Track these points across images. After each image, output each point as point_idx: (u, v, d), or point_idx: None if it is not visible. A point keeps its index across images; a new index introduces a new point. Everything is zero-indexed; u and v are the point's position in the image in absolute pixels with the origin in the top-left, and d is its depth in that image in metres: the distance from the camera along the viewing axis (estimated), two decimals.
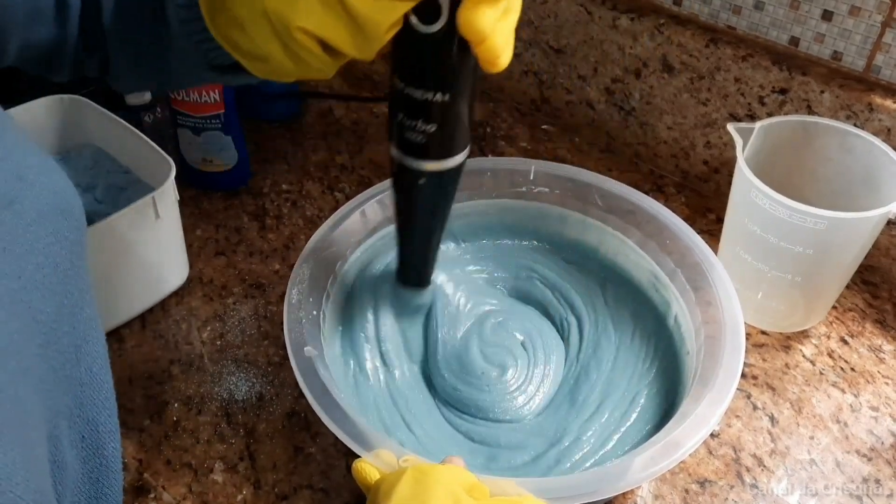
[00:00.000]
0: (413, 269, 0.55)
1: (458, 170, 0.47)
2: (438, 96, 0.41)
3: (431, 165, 0.45)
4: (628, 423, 0.52)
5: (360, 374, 0.55)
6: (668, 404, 0.53)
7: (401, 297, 0.57)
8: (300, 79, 0.43)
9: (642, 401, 0.54)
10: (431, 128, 0.43)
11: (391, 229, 0.60)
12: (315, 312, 0.52)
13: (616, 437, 0.51)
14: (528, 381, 0.55)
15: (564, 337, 0.59)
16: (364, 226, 0.59)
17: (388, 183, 0.60)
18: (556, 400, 0.55)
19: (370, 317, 0.58)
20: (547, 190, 0.62)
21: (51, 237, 0.34)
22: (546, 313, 0.61)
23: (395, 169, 0.47)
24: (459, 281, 0.63)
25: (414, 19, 0.38)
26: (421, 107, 0.42)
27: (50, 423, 0.33)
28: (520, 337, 0.57)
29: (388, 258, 0.61)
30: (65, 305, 0.35)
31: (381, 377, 0.56)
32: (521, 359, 0.56)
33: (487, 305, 0.61)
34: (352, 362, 0.56)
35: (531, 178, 0.62)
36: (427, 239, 0.51)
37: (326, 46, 0.39)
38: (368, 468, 0.41)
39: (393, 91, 0.43)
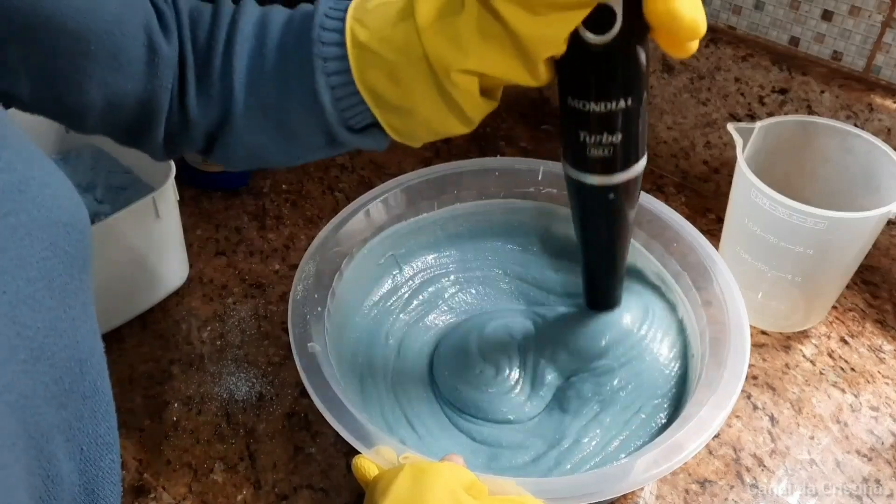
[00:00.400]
0: (609, 290, 0.52)
1: (642, 173, 0.44)
2: (622, 103, 0.39)
3: (622, 176, 0.43)
4: (631, 426, 0.52)
5: (363, 372, 0.55)
6: (671, 406, 0.53)
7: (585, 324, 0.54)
8: (434, 139, 0.42)
9: (645, 403, 0.53)
10: (617, 138, 0.41)
11: (396, 228, 0.60)
12: (319, 309, 0.52)
13: (619, 438, 0.51)
14: (529, 382, 0.55)
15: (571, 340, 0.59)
16: (369, 224, 0.59)
17: (393, 183, 0.60)
18: (558, 401, 0.55)
19: (375, 315, 0.58)
20: (555, 191, 0.62)
21: (47, 251, 0.33)
22: (550, 313, 0.60)
23: (577, 191, 0.45)
24: (463, 281, 0.63)
25: (586, 32, 0.36)
26: (605, 119, 0.40)
27: (40, 439, 0.32)
28: (522, 338, 0.57)
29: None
30: (62, 320, 0.34)
31: (385, 375, 0.56)
32: (522, 359, 0.56)
33: (490, 306, 0.61)
34: (355, 360, 0.56)
35: (539, 178, 0.62)
36: (623, 254, 0.49)
37: (483, 90, 0.38)
38: (367, 464, 0.41)
39: (568, 111, 0.41)
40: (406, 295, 0.62)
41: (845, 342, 0.63)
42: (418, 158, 0.80)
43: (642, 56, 0.39)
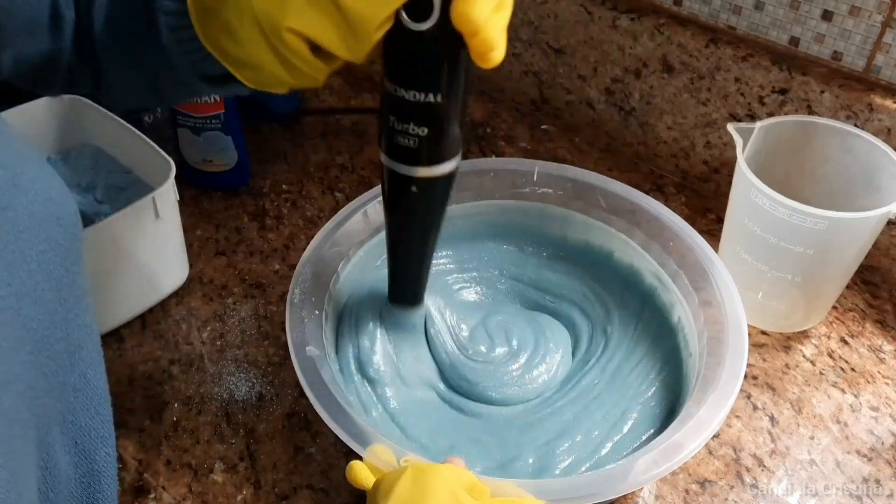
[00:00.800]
0: (405, 287, 0.53)
1: (450, 177, 0.45)
2: (430, 97, 0.41)
3: (423, 171, 0.44)
4: (630, 426, 0.52)
5: (362, 375, 0.55)
6: (670, 406, 0.53)
7: (392, 315, 0.55)
8: (292, 88, 0.42)
9: (644, 403, 0.53)
10: (423, 131, 0.42)
11: None
12: (317, 312, 0.52)
13: (617, 438, 0.51)
14: (529, 382, 0.55)
15: (567, 338, 0.59)
16: (367, 226, 0.59)
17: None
18: (558, 401, 0.55)
19: (373, 317, 0.58)
20: (550, 191, 0.62)
21: (44, 244, 0.34)
22: (548, 314, 0.60)
23: (385, 177, 0.46)
24: (460, 282, 0.63)
25: (405, 17, 0.38)
26: (412, 109, 0.41)
27: (41, 429, 0.33)
28: (520, 338, 0.57)
29: None
30: (58, 312, 0.35)
31: (384, 377, 0.56)
32: (521, 359, 0.56)
33: (488, 306, 0.61)
34: (354, 363, 0.56)
35: (534, 178, 0.62)
36: (420, 253, 0.50)
37: (317, 50, 0.38)
38: (362, 471, 0.41)
39: (384, 94, 0.42)
40: None
41: (845, 342, 0.63)
42: None
43: (458, 55, 0.40)
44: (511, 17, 0.39)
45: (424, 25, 0.38)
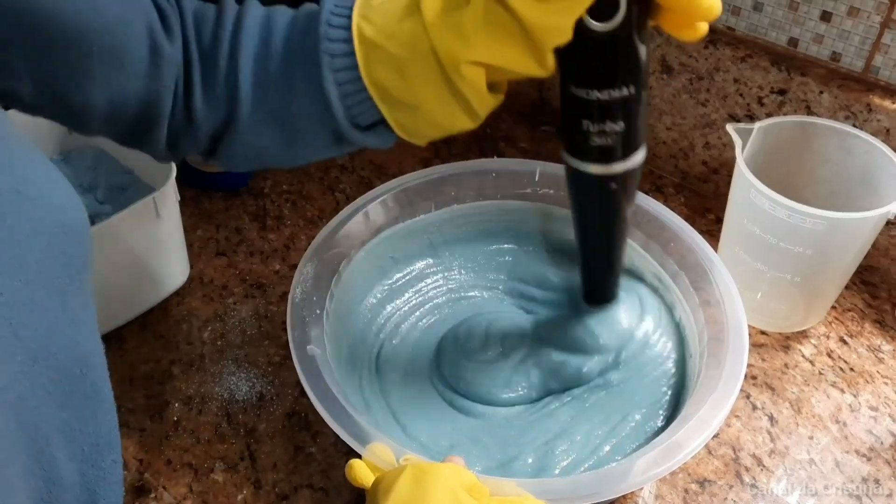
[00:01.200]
0: (607, 284, 0.52)
1: (643, 163, 0.44)
2: (624, 91, 0.40)
3: (623, 165, 0.43)
4: (630, 426, 0.52)
5: (362, 374, 0.55)
6: (670, 406, 0.53)
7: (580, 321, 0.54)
8: (440, 134, 0.42)
9: (645, 402, 0.53)
10: (620, 126, 0.41)
11: (394, 230, 0.61)
12: (318, 311, 0.52)
13: (617, 438, 0.51)
14: (530, 383, 0.55)
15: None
16: (367, 227, 0.59)
17: (393, 183, 0.60)
18: (558, 401, 0.55)
19: (374, 318, 0.58)
20: (552, 191, 0.62)
21: (44, 252, 0.33)
22: (549, 315, 0.60)
23: (579, 182, 0.45)
24: (462, 282, 0.63)
25: (589, 20, 0.37)
26: (608, 107, 0.40)
27: (39, 440, 0.32)
28: (521, 338, 0.57)
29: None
30: (61, 320, 0.34)
31: (385, 378, 0.56)
32: (521, 359, 0.56)
33: (489, 306, 0.61)
34: (355, 362, 0.56)
35: (536, 179, 0.62)
36: (621, 247, 0.49)
37: (489, 84, 0.38)
38: (362, 470, 0.41)
39: (571, 100, 0.41)
40: (405, 296, 0.62)
41: (844, 342, 0.63)
42: (418, 158, 0.80)
43: (645, 43, 0.39)
44: None
45: (612, 24, 0.37)
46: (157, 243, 0.62)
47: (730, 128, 0.59)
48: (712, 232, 0.71)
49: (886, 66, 0.63)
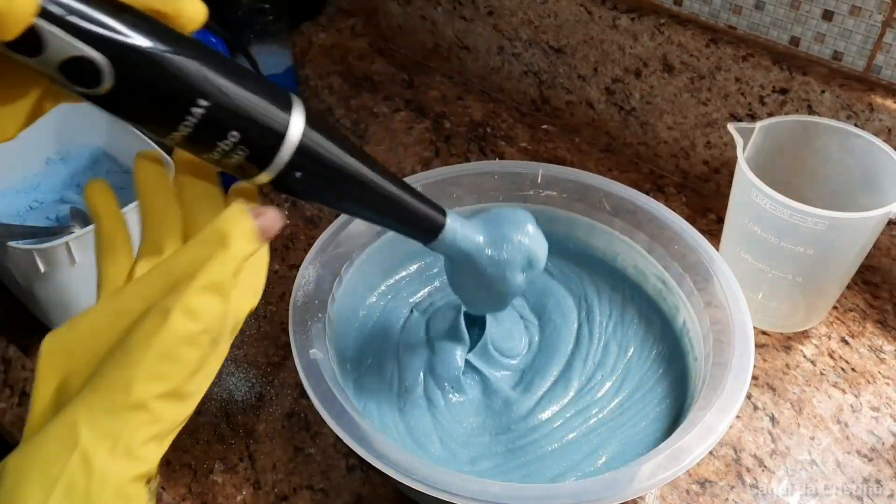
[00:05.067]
0: (416, 217, 0.45)
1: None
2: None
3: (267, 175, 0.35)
4: (635, 430, 0.52)
5: (365, 378, 0.55)
6: (675, 410, 0.53)
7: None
8: None
9: (649, 407, 0.53)
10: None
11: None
12: (320, 315, 0.52)
13: (622, 443, 0.51)
14: (531, 387, 0.55)
15: (571, 341, 0.58)
16: (370, 228, 0.59)
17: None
18: (562, 405, 0.54)
19: (374, 319, 0.58)
20: (554, 193, 0.62)
21: None
22: (551, 317, 0.60)
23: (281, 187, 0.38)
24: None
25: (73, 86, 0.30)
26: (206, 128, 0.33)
27: None
28: (523, 344, 0.57)
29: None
30: None
31: (385, 379, 0.56)
32: (523, 363, 0.56)
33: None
34: (356, 364, 0.56)
35: (538, 181, 0.62)
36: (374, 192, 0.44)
37: None
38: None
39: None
40: (406, 299, 0.62)
41: (846, 342, 0.63)
42: (418, 159, 0.80)
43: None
44: (511, 17, 0.38)
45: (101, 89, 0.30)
46: None
47: (731, 127, 0.58)
48: (713, 232, 0.71)
49: (888, 65, 0.63)
